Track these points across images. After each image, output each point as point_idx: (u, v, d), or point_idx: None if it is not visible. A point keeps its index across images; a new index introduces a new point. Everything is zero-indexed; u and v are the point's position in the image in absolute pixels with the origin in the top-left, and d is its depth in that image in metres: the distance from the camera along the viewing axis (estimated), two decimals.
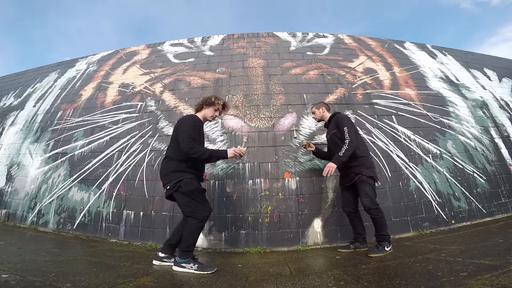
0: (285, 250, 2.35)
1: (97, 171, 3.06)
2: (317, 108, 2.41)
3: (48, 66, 4.96)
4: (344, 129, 2.08)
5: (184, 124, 1.82)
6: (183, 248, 1.68)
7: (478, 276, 1.17)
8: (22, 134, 3.92)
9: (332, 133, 2.22)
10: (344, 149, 2.01)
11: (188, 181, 1.73)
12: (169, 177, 1.75)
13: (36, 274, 1.44)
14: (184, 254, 1.66)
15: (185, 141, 1.72)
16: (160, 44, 4.26)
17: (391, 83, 3.52)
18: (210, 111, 1.97)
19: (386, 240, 1.92)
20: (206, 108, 1.97)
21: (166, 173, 1.79)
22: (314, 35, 4.12)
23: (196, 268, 1.62)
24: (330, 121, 2.31)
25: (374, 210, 1.94)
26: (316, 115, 2.42)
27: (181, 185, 1.71)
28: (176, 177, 1.73)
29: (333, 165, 2.00)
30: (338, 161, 2.01)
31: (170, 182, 1.73)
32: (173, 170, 1.76)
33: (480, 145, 3.27)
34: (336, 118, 2.23)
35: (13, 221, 3.27)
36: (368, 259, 1.78)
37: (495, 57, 4.85)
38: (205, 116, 1.97)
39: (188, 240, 1.69)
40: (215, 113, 1.99)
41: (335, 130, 2.18)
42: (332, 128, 2.23)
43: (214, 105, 1.96)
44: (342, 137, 2.08)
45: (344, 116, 2.26)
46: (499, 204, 2.94)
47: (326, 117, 2.36)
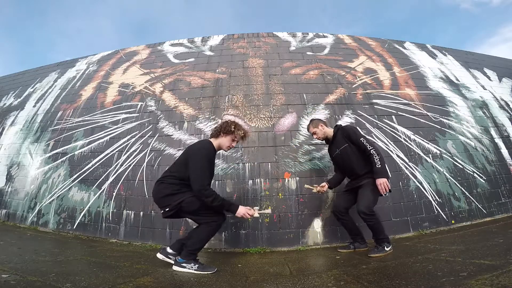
0: (285, 250, 2.35)
1: (97, 171, 3.06)
2: (314, 127, 2.24)
3: (48, 66, 4.96)
4: (362, 140, 1.99)
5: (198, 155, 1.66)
6: (190, 250, 1.65)
7: (478, 276, 1.17)
8: (22, 134, 3.92)
9: (342, 148, 2.10)
10: (377, 159, 1.90)
11: (190, 200, 1.63)
12: (167, 200, 1.65)
13: (36, 274, 1.44)
14: (189, 255, 1.65)
15: (198, 178, 1.60)
16: (160, 44, 4.26)
17: (391, 83, 3.52)
18: (227, 141, 1.82)
19: (386, 241, 1.91)
20: (223, 136, 1.81)
21: (162, 196, 1.68)
22: (314, 35, 4.12)
23: (196, 268, 1.62)
24: (335, 136, 2.19)
25: (366, 215, 1.86)
26: (318, 135, 2.24)
27: (183, 206, 1.63)
28: (175, 199, 1.63)
29: (384, 180, 1.85)
30: (385, 173, 1.88)
31: (168, 205, 1.65)
32: (170, 193, 1.65)
33: (480, 145, 3.27)
34: (343, 132, 2.11)
35: (13, 221, 3.27)
36: (368, 259, 1.78)
37: (495, 57, 4.85)
38: (220, 145, 1.83)
39: (197, 244, 1.67)
40: (232, 143, 1.84)
41: (347, 144, 2.07)
42: (342, 142, 2.10)
43: (233, 134, 1.82)
44: (361, 149, 1.99)
45: (351, 128, 2.14)
46: (499, 204, 2.94)
47: (329, 132, 2.23)
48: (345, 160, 2.12)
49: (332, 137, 2.22)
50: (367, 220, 1.88)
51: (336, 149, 2.17)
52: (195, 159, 1.65)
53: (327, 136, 2.25)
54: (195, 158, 1.66)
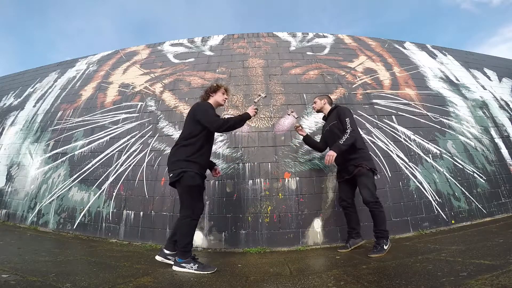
0: (285, 250, 2.35)
1: (97, 171, 3.06)
2: (319, 98, 2.41)
3: (48, 66, 4.96)
4: (346, 120, 2.09)
5: (202, 106, 1.86)
6: (181, 248, 1.67)
7: (478, 276, 1.17)
8: (22, 134, 3.92)
9: (331, 124, 2.22)
10: (345, 138, 2.00)
11: (191, 175, 1.72)
12: (174, 165, 1.75)
13: (36, 274, 1.44)
14: (183, 253, 1.66)
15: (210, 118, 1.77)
16: (160, 44, 4.26)
17: (391, 83, 3.52)
18: (219, 96, 1.99)
19: (385, 237, 1.92)
20: (214, 95, 1.99)
21: (172, 160, 1.79)
22: (314, 35, 4.12)
23: (196, 268, 1.62)
24: (330, 114, 2.31)
25: (373, 204, 1.94)
26: (316, 105, 2.41)
27: (183, 176, 1.70)
28: (181, 166, 1.72)
29: (333, 153, 1.97)
30: (338, 149, 1.99)
31: (174, 171, 1.73)
32: (180, 159, 1.75)
33: (480, 145, 3.27)
34: (338, 110, 2.23)
35: (13, 221, 3.27)
36: (368, 259, 1.78)
37: (495, 57, 4.85)
38: (216, 101, 1.99)
39: (185, 240, 1.69)
40: (223, 96, 2.01)
41: (336, 121, 2.18)
42: (332, 119, 2.23)
43: (220, 89, 2.00)
44: (343, 127, 2.09)
45: (346, 108, 2.25)
46: (499, 204, 2.94)
47: (326, 109, 2.36)
48: (331, 137, 2.21)
49: (327, 113, 2.35)
50: (373, 207, 1.94)
51: (327, 125, 2.30)
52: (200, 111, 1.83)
53: (323, 111, 2.39)
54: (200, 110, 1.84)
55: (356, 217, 2.19)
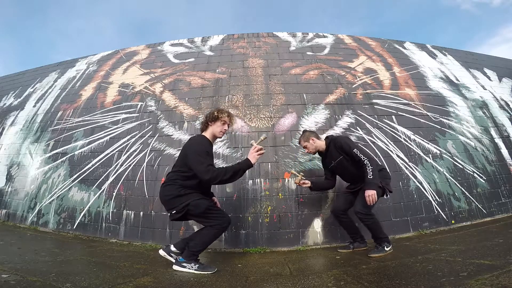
0: (285, 250, 2.35)
1: (97, 171, 3.06)
2: (305, 140, 2.17)
3: (48, 66, 4.96)
4: (355, 152, 1.95)
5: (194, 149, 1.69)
6: (192, 251, 1.65)
7: (478, 276, 1.17)
8: (22, 134, 3.92)
9: (337, 160, 2.08)
10: (370, 170, 1.87)
11: (196, 203, 1.64)
12: (173, 202, 1.65)
13: (36, 274, 1.44)
14: (190, 255, 1.65)
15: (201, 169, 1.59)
16: (160, 44, 4.26)
17: (391, 83, 3.52)
18: (218, 127, 1.81)
19: (386, 240, 1.91)
20: (212, 124, 1.82)
21: (169, 198, 1.67)
22: (314, 35, 4.12)
23: (196, 268, 1.62)
24: (328, 149, 2.15)
25: (362, 215, 1.88)
26: (309, 149, 2.18)
27: (190, 209, 1.63)
28: (182, 201, 1.63)
29: (373, 192, 1.83)
30: (374, 185, 1.85)
31: (175, 207, 1.64)
32: (177, 195, 1.65)
33: (480, 145, 3.27)
34: (336, 144, 2.08)
35: (13, 221, 3.27)
36: (368, 259, 1.78)
37: (495, 57, 4.85)
38: (214, 134, 1.82)
39: (200, 246, 1.67)
40: (223, 127, 1.83)
41: (342, 157, 2.04)
42: (336, 155, 2.08)
43: (219, 120, 1.81)
44: (354, 159, 1.97)
45: (344, 138, 2.13)
46: (499, 204, 2.94)
47: (321, 145, 2.17)
48: (344, 171, 2.13)
49: (324, 149, 2.17)
50: (364, 220, 1.90)
51: (332, 161, 2.13)
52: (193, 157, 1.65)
53: (318, 149, 2.20)
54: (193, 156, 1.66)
55: (352, 223, 2.14)
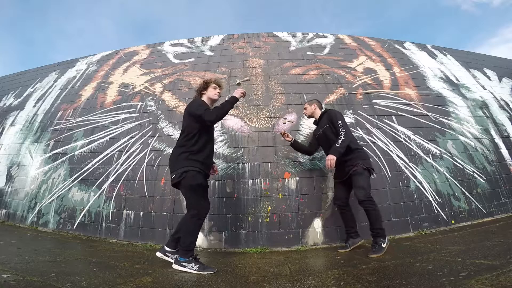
0: (285, 250, 2.35)
1: (97, 171, 3.06)
2: (309, 104, 2.44)
3: (48, 66, 4.96)
4: (338, 123, 2.12)
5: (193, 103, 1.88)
6: (184, 247, 1.67)
7: (478, 276, 1.17)
8: (22, 134, 3.92)
9: (324, 128, 2.24)
10: (340, 140, 2.04)
11: (193, 175, 1.72)
12: (176, 165, 1.76)
13: (36, 274, 1.44)
14: (185, 253, 1.66)
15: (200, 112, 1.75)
16: (160, 44, 4.26)
17: (391, 83, 3.52)
18: (211, 91, 2.00)
19: (381, 235, 1.93)
20: (205, 92, 2.00)
21: (173, 161, 1.79)
22: (314, 35, 4.12)
23: (196, 269, 1.62)
24: (321, 118, 2.35)
25: (367, 202, 1.95)
26: (307, 111, 2.44)
27: (186, 176, 1.70)
28: (183, 165, 1.73)
29: (333, 157, 1.99)
30: (337, 152, 2.01)
31: (176, 171, 1.73)
32: (180, 158, 1.76)
33: (480, 145, 3.27)
34: (328, 114, 2.26)
35: (13, 221, 3.27)
36: (368, 259, 1.78)
37: (495, 57, 4.85)
38: (209, 97, 1.99)
39: (188, 238, 1.69)
40: (215, 91, 2.01)
41: (328, 125, 2.21)
42: (324, 123, 2.26)
43: (210, 85, 2.01)
44: (336, 130, 2.12)
45: (337, 112, 2.27)
46: (499, 204, 2.94)
47: (317, 114, 2.40)
48: (325, 141, 2.25)
49: (318, 118, 2.39)
50: (367, 205, 1.95)
51: (320, 130, 2.31)
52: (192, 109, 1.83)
53: (314, 116, 2.42)
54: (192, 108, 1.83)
55: (352, 216, 2.20)
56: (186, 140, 1.80)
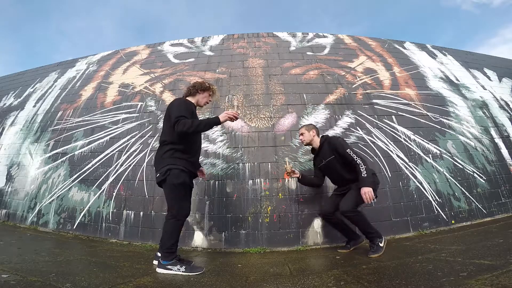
0: (285, 250, 2.35)
1: (97, 171, 3.06)
2: (307, 129, 2.26)
3: (48, 66, 4.96)
4: (348, 152, 2.00)
5: (176, 105, 1.77)
6: (165, 250, 1.61)
7: (478, 276, 1.17)
8: (22, 134, 3.92)
9: (328, 160, 2.13)
10: (363, 169, 1.91)
11: (177, 173, 1.66)
12: (160, 163, 1.71)
13: (36, 274, 1.44)
14: (168, 255, 1.61)
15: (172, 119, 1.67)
16: (160, 44, 4.26)
17: (391, 83, 3.52)
18: (205, 97, 1.94)
19: (377, 236, 1.91)
20: (201, 93, 1.92)
21: (158, 159, 1.74)
22: (314, 35, 4.12)
23: (184, 270, 1.58)
24: (321, 147, 2.21)
25: (348, 213, 1.91)
26: (304, 137, 2.25)
27: (170, 174, 1.65)
28: (166, 163, 1.68)
29: (369, 189, 1.85)
30: (369, 183, 1.88)
31: (160, 169, 1.68)
32: (165, 156, 1.70)
33: (480, 145, 3.27)
34: (330, 143, 2.13)
35: (13, 221, 3.27)
36: (368, 259, 1.78)
37: (495, 57, 4.85)
38: (198, 101, 1.93)
39: (169, 241, 1.62)
40: (209, 98, 1.97)
41: (334, 156, 2.09)
42: (328, 154, 2.13)
43: (209, 90, 1.95)
44: (347, 160, 2.01)
45: (339, 138, 2.18)
46: (499, 204, 2.94)
47: (315, 142, 2.25)
48: (332, 171, 2.18)
49: (318, 147, 2.24)
50: (349, 216, 1.92)
51: (323, 160, 2.20)
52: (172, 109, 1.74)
53: (312, 144, 2.27)
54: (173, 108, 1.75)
55: (343, 223, 2.11)
56: (170, 138, 1.73)
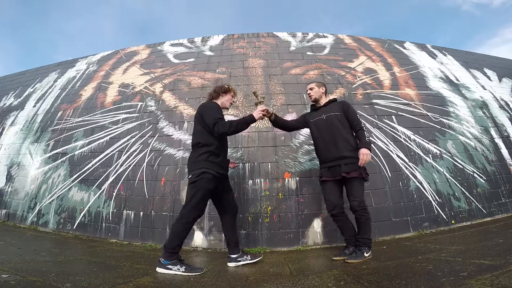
0: (285, 250, 2.35)
1: (97, 171, 3.06)
2: (317, 85, 2.10)
3: (48, 66, 4.96)
4: (358, 116, 1.93)
5: (208, 108, 1.85)
6: (169, 250, 1.62)
7: (478, 276, 1.17)
8: (22, 134, 3.92)
9: (331, 114, 1.96)
10: (366, 134, 1.84)
11: (210, 178, 1.73)
12: (194, 165, 1.75)
13: (36, 274, 1.44)
14: (170, 255, 1.61)
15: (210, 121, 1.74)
16: (160, 44, 4.26)
17: (391, 83, 3.52)
18: (228, 98, 2.00)
19: (367, 245, 1.79)
20: (223, 96, 1.98)
21: (191, 161, 1.79)
22: (314, 35, 4.12)
23: (184, 270, 1.58)
24: (328, 104, 2.06)
25: (361, 211, 1.79)
26: (313, 92, 2.09)
27: (203, 178, 1.71)
28: (201, 166, 1.73)
29: (368, 151, 1.77)
30: (369, 145, 1.81)
31: (194, 171, 1.73)
32: (200, 159, 1.76)
33: (480, 145, 3.27)
34: (343, 103, 2.01)
35: (13, 221, 3.27)
36: (368, 259, 1.77)
37: (495, 57, 4.85)
38: (223, 104, 1.99)
39: (175, 241, 1.65)
40: (232, 99, 2.03)
41: (339, 113, 1.95)
42: (333, 110, 1.98)
43: (230, 92, 2.01)
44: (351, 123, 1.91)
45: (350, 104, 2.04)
46: (499, 204, 2.94)
47: (323, 99, 2.10)
48: (328, 129, 1.95)
49: (322, 104, 2.08)
50: (361, 214, 1.79)
51: (322, 115, 2.01)
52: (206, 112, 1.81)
53: (319, 101, 2.10)
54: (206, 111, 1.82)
55: (350, 222, 1.92)
56: (204, 140, 1.79)
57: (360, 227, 1.83)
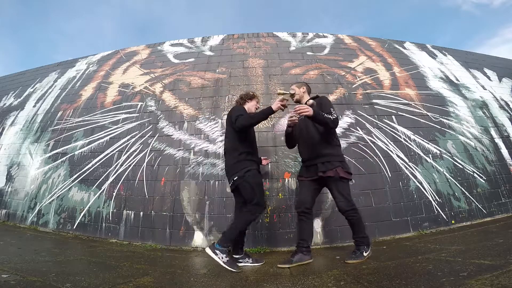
0: (285, 250, 2.35)
1: (97, 171, 3.06)
2: (298, 86, 2.03)
3: (48, 66, 4.96)
4: (331, 109, 1.77)
5: (234, 110, 1.96)
6: (227, 236, 1.71)
7: (478, 276, 1.17)
8: (22, 134, 3.92)
9: None
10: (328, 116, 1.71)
11: (255, 173, 1.84)
12: (236, 167, 1.83)
13: (36, 274, 1.44)
14: (226, 241, 1.70)
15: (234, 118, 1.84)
16: (160, 44, 4.26)
17: (391, 83, 3.52)
18: (253, 104, 2.10)
19: (365, 243, 1.77)
20: (249, 101, 2.09)
21: (232, 164, 1.86)
22: (314, 35, 4.12)
23: (225, 261, 1.66)
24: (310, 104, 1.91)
25: (351, 212, 1.74)
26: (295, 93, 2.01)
27: (250, 175, 1.80)
28: (244, 166, 1.82)
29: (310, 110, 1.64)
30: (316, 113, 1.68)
31: (237, 172, 1.81)
32: (241, 159, 1.85)
33: (480, 145, 3.27)
34: (322, 100, 1.91)
35: (13, 221, 3.27)
36: (368, 259, 1.77)
37: (495, 57, 4.85)
38: (249, 109, 2.07)
39: (236, 230, 1.74)
40: (257, 105, 2.13)
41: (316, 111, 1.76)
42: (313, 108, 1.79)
43: (255, 98, 2.12)
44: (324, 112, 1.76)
45: (326, 97, 1.96)
46: (499, 204, 2.94)
47: (304, 99, 2.01)
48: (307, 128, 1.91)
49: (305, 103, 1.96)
50: (351, 215, 1.75)
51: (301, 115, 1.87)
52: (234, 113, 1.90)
53: (301, 101, 2.02)
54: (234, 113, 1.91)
55: (311, 227, 1.89)
56: (239, 143, 1.89)
57: (354, 227, 1.80)
